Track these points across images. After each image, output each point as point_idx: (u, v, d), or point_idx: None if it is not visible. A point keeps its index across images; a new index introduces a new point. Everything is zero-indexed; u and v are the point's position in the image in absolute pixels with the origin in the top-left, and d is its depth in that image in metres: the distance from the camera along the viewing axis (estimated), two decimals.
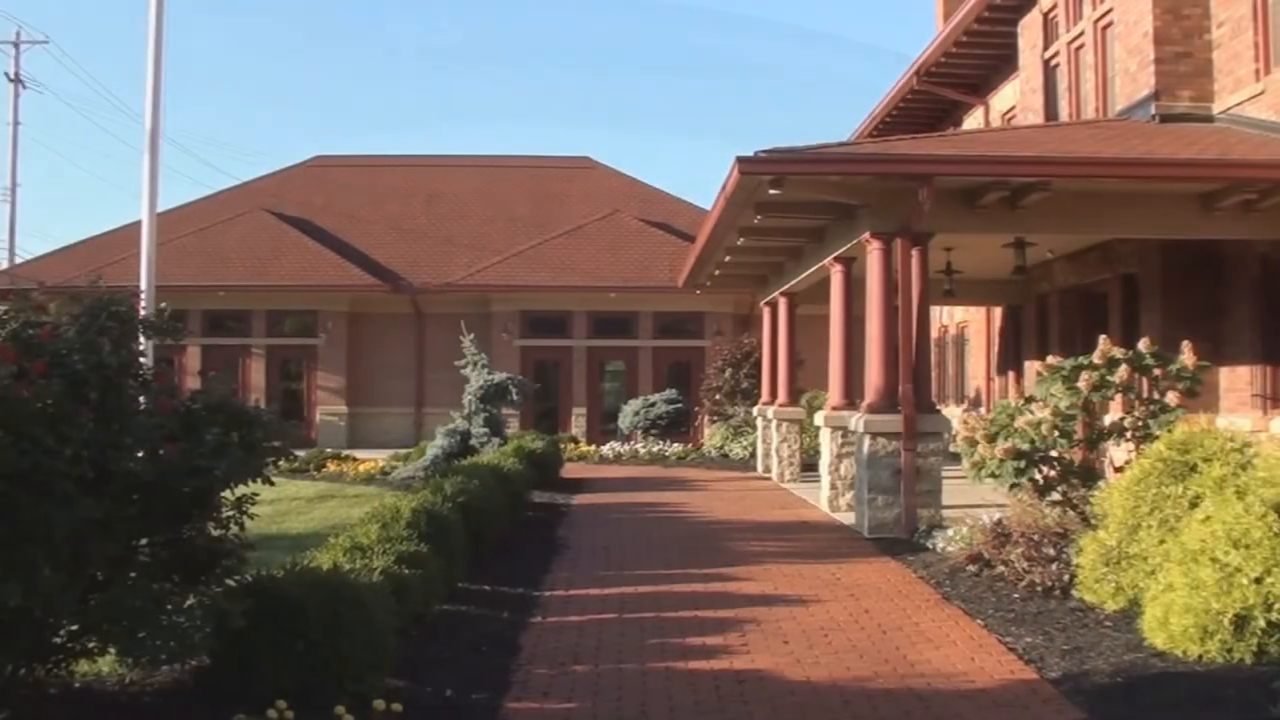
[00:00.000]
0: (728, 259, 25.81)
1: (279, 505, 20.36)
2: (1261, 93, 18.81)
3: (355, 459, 30.26)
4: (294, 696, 7.53)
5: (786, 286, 26.26)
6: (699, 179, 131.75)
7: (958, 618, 11.44)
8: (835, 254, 19.96)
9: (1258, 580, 9.19)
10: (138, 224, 22.94)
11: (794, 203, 18.55)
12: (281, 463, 8.68)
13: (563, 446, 31.64)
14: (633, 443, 36.50)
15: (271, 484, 8.25)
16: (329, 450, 32.35)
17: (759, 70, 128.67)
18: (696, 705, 8.53)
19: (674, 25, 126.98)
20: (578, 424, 42.22)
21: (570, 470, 29.19)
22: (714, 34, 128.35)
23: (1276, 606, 9.09)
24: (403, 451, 31.74)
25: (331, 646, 7.82)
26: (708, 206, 23.55)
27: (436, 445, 27.17)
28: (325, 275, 42.60)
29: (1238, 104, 19.45)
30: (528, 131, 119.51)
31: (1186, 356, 15.04)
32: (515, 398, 29.18)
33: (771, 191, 17.04)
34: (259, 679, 7.68)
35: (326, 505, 21.26)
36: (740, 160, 16.55)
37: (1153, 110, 20.21)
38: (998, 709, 8.34)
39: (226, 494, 8.04)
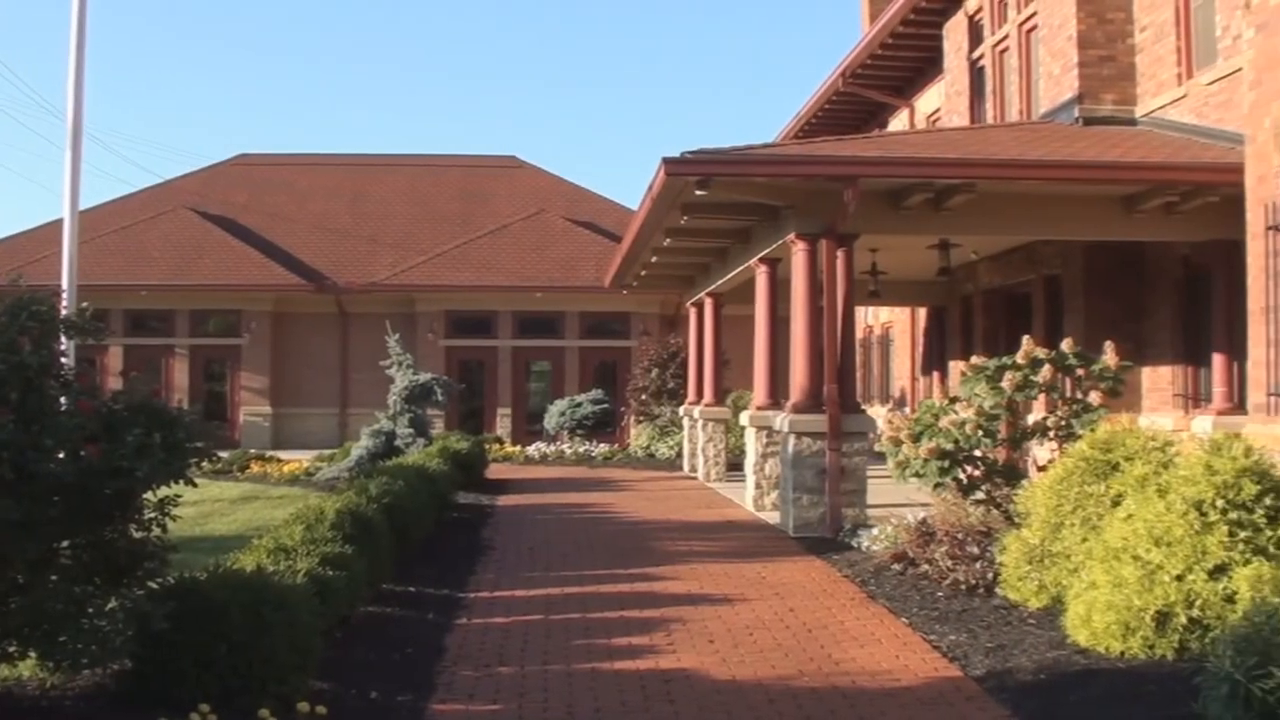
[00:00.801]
0: (654, 259, 25.82)
1: (202, 507, 20.21)
2: (1184, 96, 19.01)
3: (280, 460, 30.10)
4: (217, 699, 7.47)
5: (713, 287, 26.30)
6: (627, 178, 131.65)
7: (882, 616, 11.49)
8: (761, 255, 20.00)
9: (1179, 577, 9.28)
10: (59, 222, 22.74)
11: (720, 204, 18.57)
12: (204, 464, 8.60)
13: (488, 447, 31.56)
14: (559, 443, 36.44)
15: (194, 485, 8.17)
16: (253, 451, 32.15)
17: (687, 70, 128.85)
18: (622, 706, 8.52)
19: (601, 25, 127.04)
20: (503, 424, 42.13)
21: (496, 471, 29.13)
22: (642, 34, 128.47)
23: (1198, 603, 9.18)
24: (327, 452, 31.60)
25: (255, 649, 7.75)
26: (635, 206, 23.56)
27: (361, 446, 27.03)
28: (249, 274, 42.30)
29: (1160, 107, 19.64)
30: (455, 130, 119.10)
31: (1109, 357, 15.20)
32: (440, 398, 29.05)
33: (698, 192, 17.04)
34: (182, 682, 7.61)
35: (250, 507, 21.11)
36: (667, 161, 16.54)
37: (1076, 113, 20.38)
38: (922, 707, 8.37)
39: (149, 495, 7.96)
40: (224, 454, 28.64)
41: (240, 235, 44.85)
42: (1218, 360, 17.83)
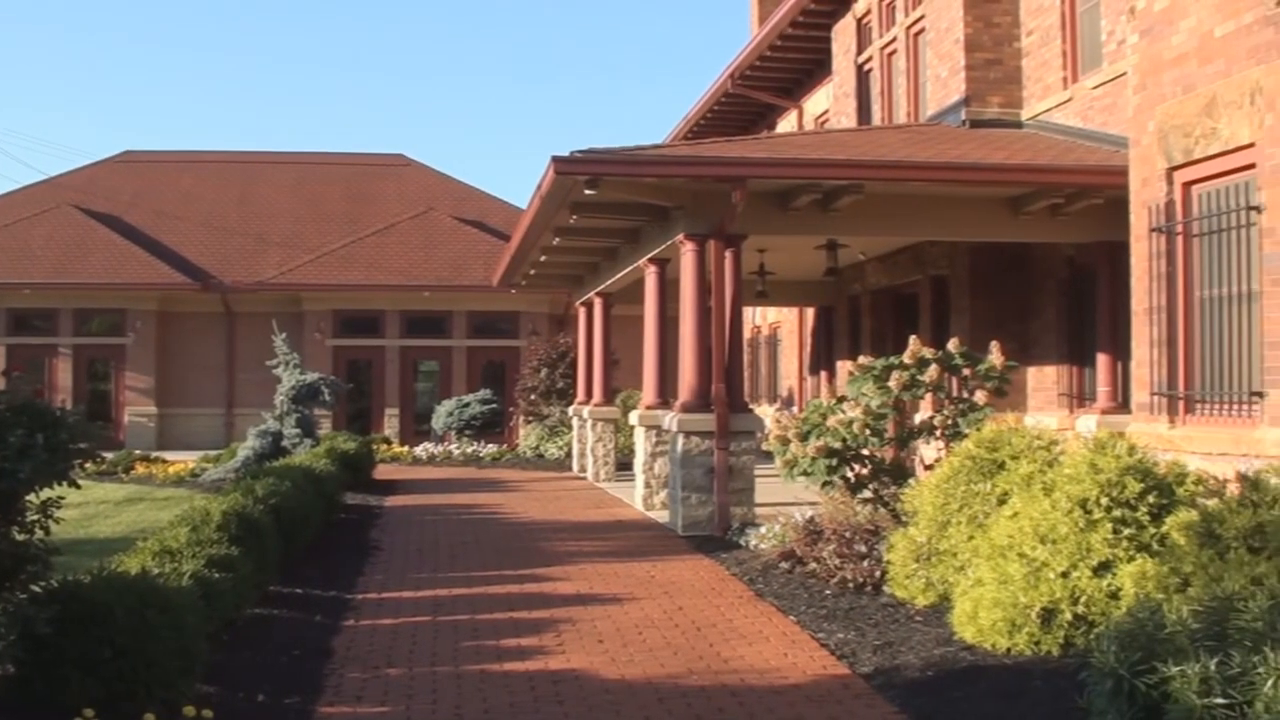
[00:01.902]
0: (543, 258, 25.75)
1: (86, 509, 19.94)
2: (1069, 100, 19.24)
3: (165, 461, 29.71)
4: (102, 705, 7.34)
5: (602, 287, 26.28)
6: (516, 177, 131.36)
7: (771, 614, 11.52)
8: (650, 255, 20.00)
9: (1064, 574, 9.37)
10: None
11: (610, 203, 18.55)
12: (88, 465, 8.44)
13: (376, 447, 31.33)
14: (447, 443, 36.25)
15: (78, 487, 8.03)
16: (138, 452, 31.68)
17: (578, 70, 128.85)
18: (511, 707, 8.47)
19: (491, 23, 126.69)
20: (391, 425, 41.87)
21: (383, 471, 28.94)
22: (533, 33, 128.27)
23: (1083, 600, 9.27)
24: (213, 453, 31.23)
25: (140, 653, 7.62)
26: (524, 205, 23.48)
27: (248, 446, 26.75)
28: (134, 273, 41.71)
29: (1046, 110, 19.88)
30: (342, 128, 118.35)
31: (995, 356, 15.33)
32: (328, 398, 28.82)
33: (587, 192, 17.01)
34: (66, 687, 7.46)
35: (135, 508, 20.82)
36: (556, 160, 16.49)
37: (963, 115, 20.58)
38: (810, 704, 8.39)
39: (31, 497, 7.80)
40: (108, 455, 28.22)
41: (125, 233, 44.21)
42: (1102, 360, 18.06)
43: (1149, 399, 12.67)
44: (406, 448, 36.50)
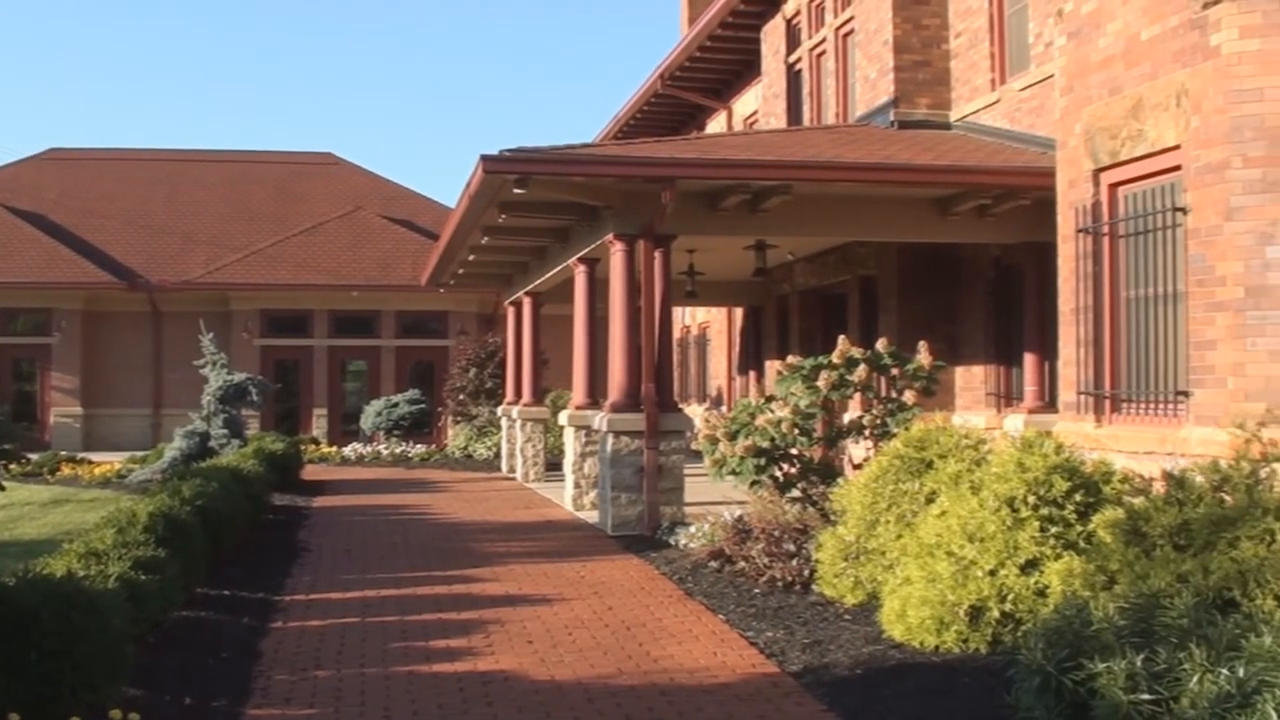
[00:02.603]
0: (472, 258, 25.68)
1: (11, 510, 19.74)
2: (997, 101, 19.36)
3: (91, 462, 29.40)
4: (28, 708, 7.24)
5: (531, 286, 26.23)
6: (446, 176, 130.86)
7: (700, 613, 11.52)
8: (579, 254, 19.97)
9: (992, 572, 9.42)
10: None
11: (539, 203, 18.52)
12: (13, 466, 8.37)
13: (304, 448, 31.16)
14: (375, 444, 36.07)
15: (2, 488, 7.96)
16: (64, 453, 31.39)
17: (509, 69, 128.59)
18: (440, 709, 8.43)
19: (419, 22, 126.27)
20: (319, 425, 41.63)
21: (311, 472, 28.76)
22: (462, 31, 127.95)
23: (1010, 598, 9.33)
24: (140, 454, 30.94)
25: (66, 656, 7.52)
26: (453, 204, 23.41)
27: (175, 447, 26.51)
28: (59, 272, 41.26)
29: (974, 112, 20.00)
30: (271, 127, 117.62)
31: (923, 356, 15.42)
32: (255, 398, 28.60)
33: (516, 191, 16.95)
34: None
35: (61, 510, 20.61)
36: (485, 159, 16.44)
37: (892, 117, 20.67)
38: (740, 703, 8.40)
39: None
40: (33, 456, 28.02)
41: (50, 231, 43.72)
42: (1029, 359, 18.18)
43: (1076, 398, 12.76)
44: (335, 448, 36.30)
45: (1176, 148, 11.43)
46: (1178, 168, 11.45)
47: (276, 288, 41.38)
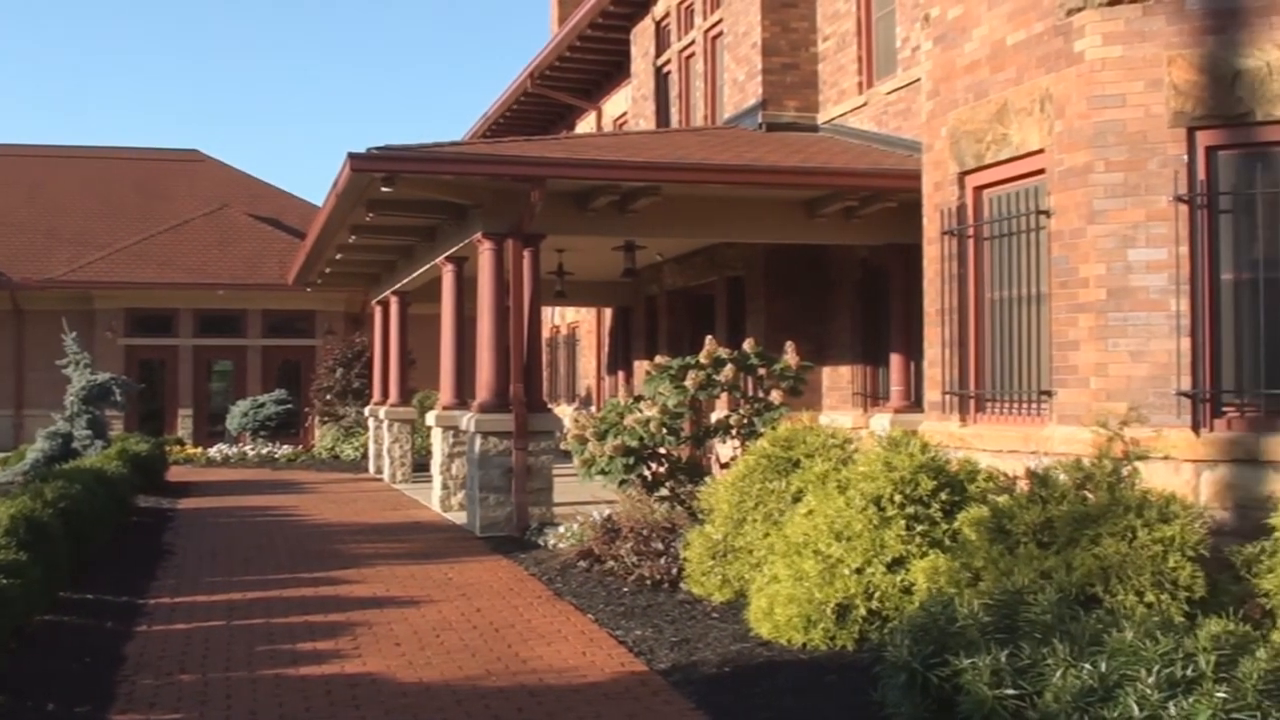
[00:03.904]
0: (340, 257, 25.47)
1: None
2: (864, 104, 19.53)
3: None
4: None
5: (399, 285, 26.06)
6: (314, 174, 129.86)
7: (569, 613, 11.51)
8: (447, 254, 19.87)
9: (859, 570, 9.50)
10: None
11: (407, 201, 18.41)
12: None
13: (169, 449, 30.77)
14: (241, 445, 35.68)
15: None
16: None
17: (379, 67, 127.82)
18: (307, 712, 8.35)
19: (289, 16, 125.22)
20: (184, 426, 41.02)
21: (177, 473, 28.40)
22: (331, 29, 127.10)
23: (877, 595, 9.41)
24: (1, 455, 30.38)
25: None
26: (321, 202, 23.20)
27: (37, 449, 26.05)
28: None
29: (842, 114, 20.16)
30: (135, 123, 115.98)
31: (790, 356, 15.52)
32: (119, 399, 28.16)
33: (384, 189, 16.83)
34: None
35: None
36: (352, 157, 16.30)
37: (760, 119, 20.78)
38: (609, 702, 8.39)
39: None
40: None
41: None
42: (895, 360, 18.34)
43: (941, 398, 12.89)
44: (200, 449, 35.88)
45: (1041, 152, 11.57)
46: (1042, 171, 11.60)
47: (141, 286, 40.70)
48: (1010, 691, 6.16)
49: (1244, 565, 8.65)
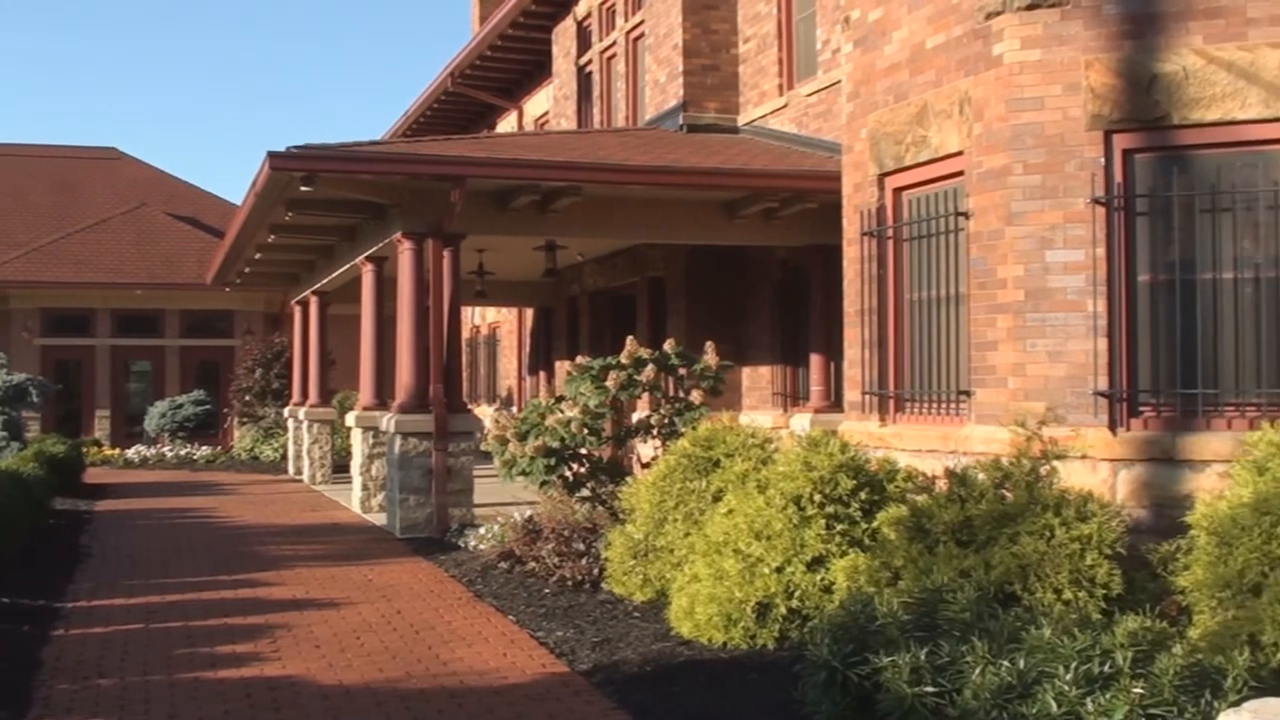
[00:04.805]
0: (259, 256, 25.30)
1: None
2: (784, 106, 19.61)
3: None
4: None
5: (318, 285, 25.92)
6: (233, 173, 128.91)
7: (490, 615, 11.49)
8: (367, 253, 19.79)
9: (779, 569, 9.54)
10: None
11: (327, 201, 18.32)
12: None
13: (87, 450, 30.52)
14: (160, 446, 35.39)
15: None
16: None
17: (299, 66, 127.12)
18: (226, 715, 8.28)
19: (207, 14, 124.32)
20: (102, 426, 40.61)
21: (94, 475, 28.15)
22: (251, 27, 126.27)
23: (797, 594, 9.45)
24: None
25: None
26: (240, 201, 23.04)
27: None
28: None
29: (762, 116, 20.23)
30: (50, 120, 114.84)
31: (710, 357, 15.57)
32: (36, 399, 27.93)
33: (303, 189, 16.74)
34: None
35: None
36: (272, 156, 16.20)
37: (681, 120, 20.82)
38: (530, 703, 8.38)
39: None
40: None
41: None
42: (815, 360, 18.42)
43: (861, 398, 12.96)
44: (118, 450, 35.55)
45: (959, 154, 11.66)
46: (960, 173, 11.68)
47: (57, 285, 40.25)
48: (929, 689, 6.19)
49: (1160, 563, 8.75)
